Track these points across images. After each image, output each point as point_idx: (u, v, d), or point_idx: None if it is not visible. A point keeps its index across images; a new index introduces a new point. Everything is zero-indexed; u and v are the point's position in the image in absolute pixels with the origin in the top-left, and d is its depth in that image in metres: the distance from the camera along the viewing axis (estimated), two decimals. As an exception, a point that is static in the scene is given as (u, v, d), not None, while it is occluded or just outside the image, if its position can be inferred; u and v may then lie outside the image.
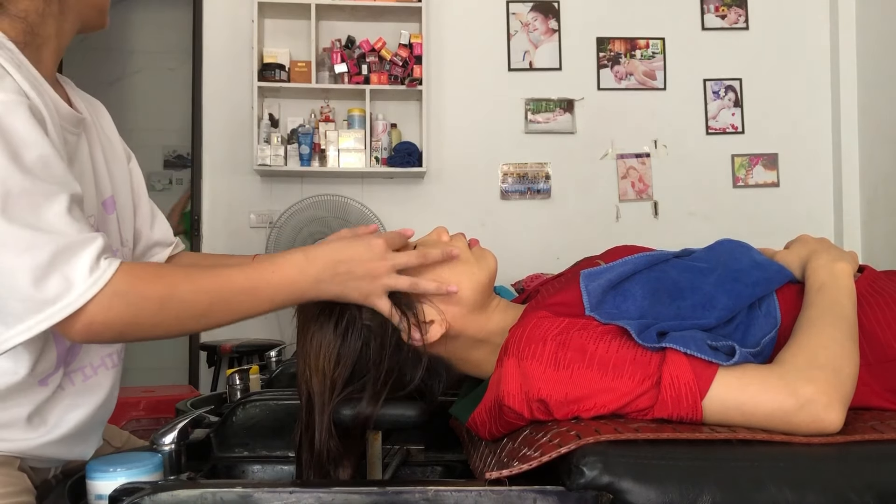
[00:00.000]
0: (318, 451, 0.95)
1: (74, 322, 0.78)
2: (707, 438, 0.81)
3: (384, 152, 3.54)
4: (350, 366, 0.96)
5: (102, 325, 0.79)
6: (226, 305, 0.85)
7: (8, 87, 0.81)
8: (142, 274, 0.82)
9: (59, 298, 0.76)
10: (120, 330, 0.81)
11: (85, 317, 0.78)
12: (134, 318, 0.80)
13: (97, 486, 0.86)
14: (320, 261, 0.89)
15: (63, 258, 0.77)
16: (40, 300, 0.76)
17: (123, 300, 0.79)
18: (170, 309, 0.82)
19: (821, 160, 3.77)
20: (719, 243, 1.12)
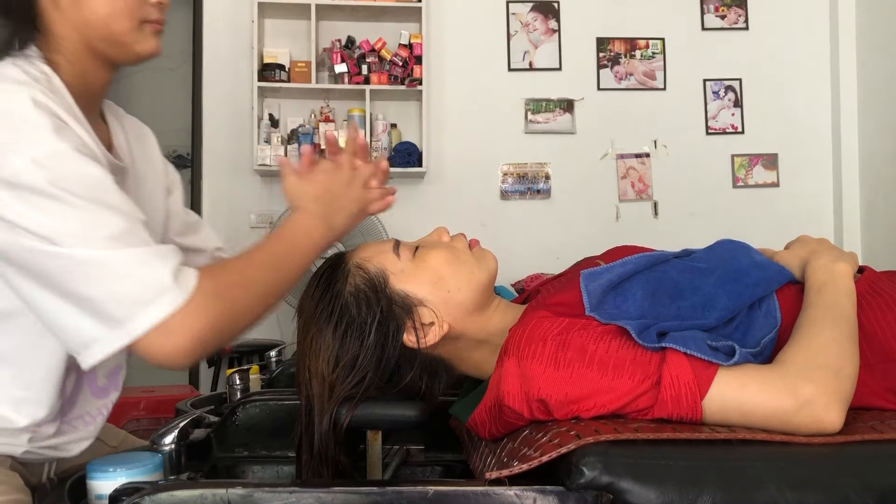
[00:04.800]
0: (318, 451, 0.95)
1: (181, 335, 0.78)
2: (707, 438, 0.81)
3: (384, 152, 3.54)
4: (349, 368, 0.96)
5: (209, 329, 0.80)
6: (286, 268, 0.93)
7: (70, 138, 0.83)
8: (215, 269, 0.86)
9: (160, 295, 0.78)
10: (222, 327, 0.82)
11: (188, 326, 0.78)
12: (231, 309, 0.83)
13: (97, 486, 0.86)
14: (309, 204, 0.98)
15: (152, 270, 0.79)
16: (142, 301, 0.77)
17: (216, 296, 0.82)
18: (252, 289, 0.87)
19: (821, 160, 3.76)
20: (719, 243, 1.12)
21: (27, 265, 0.79)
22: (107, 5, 0.92)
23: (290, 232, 0.96)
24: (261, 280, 0.89)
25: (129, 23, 0.94)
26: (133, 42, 0.95)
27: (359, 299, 0.97)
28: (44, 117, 0.81)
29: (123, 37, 0.94)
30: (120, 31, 0.93)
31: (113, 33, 0.93)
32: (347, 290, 0.98)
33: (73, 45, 0.93)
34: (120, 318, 0.77)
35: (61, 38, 0.92)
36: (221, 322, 0.82)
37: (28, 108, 0.81)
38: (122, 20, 0.93)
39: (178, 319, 0.78)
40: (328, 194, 0.99)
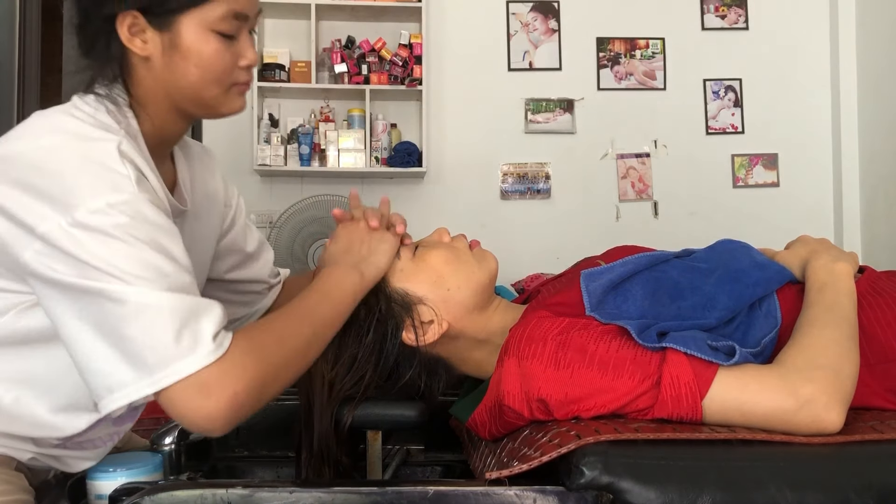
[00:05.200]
0: (318, 451, 0.96)
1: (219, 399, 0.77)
2: (707, 438, 0.81)
3: (384, 152, 3.53)
4: (348, 367, 0.96)
5: (246, 389, 0.78)
6: (322, 322, 0.91)
7: (148, 189, 0.85)
8: (248, 328, 0.85)
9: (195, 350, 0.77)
10: (260, 386, 0.80)
11: (227, 389, 0.77)
12: (267, 367, 0.81)
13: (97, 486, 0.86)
14: (340, 257, 0.99)
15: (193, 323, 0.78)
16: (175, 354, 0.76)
17: (252, 356, 0.80)
18: (287, 344, 0.85)
19: (821, 160, 3.76)
20: (719, 243, 1.12)
21: (77, 297, 0.79)
22: (199, 74, 0.91)
23: (321, 284, 0.95)
24: (295, 335, 0.87)
25: (219, 89, 0.94)
26: (220, 105, 0.96)
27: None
28: (127, 167, 0.82)
29: (211, 101, 0.95)
30: (209, 96, 0.94)
31: (202, 98, 0.94)
32: None
33: (159, 100, 0.93)
34: (151, 364, 0.76)
35: (149, 93, 0.93)
36: (259, 381, 0.80)
37: (114, 158, 0.82)
38: (212, 87, 0.93)
39: (216, 378, 0.77)
40: (353, 245, 0.99)
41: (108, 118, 0.88)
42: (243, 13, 0.92)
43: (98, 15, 0.90)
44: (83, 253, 0.77)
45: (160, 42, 0.90)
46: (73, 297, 0.79)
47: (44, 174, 0.80)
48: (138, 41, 0.90)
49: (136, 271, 0.77)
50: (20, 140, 0.84)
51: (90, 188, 0.79)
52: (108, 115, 0.88)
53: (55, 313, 0.81)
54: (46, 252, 0.78)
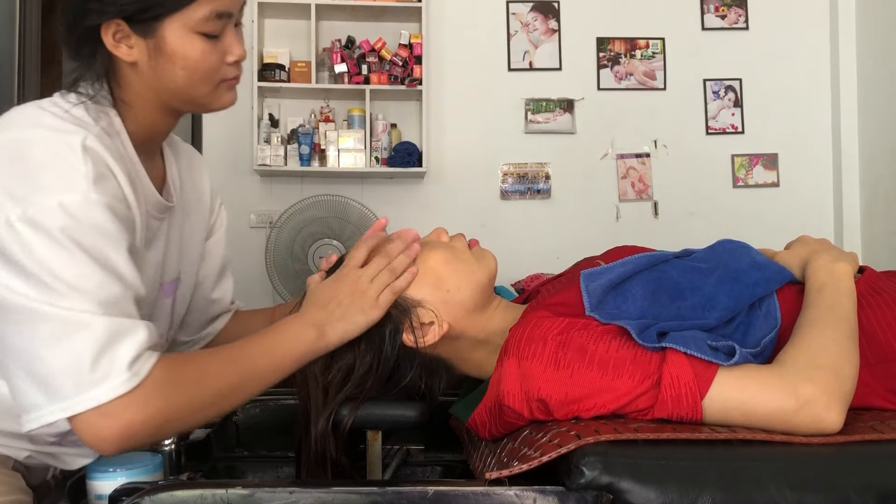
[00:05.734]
0: (318, 452, 0.95)
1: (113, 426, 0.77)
2: (707, 438, 0.81)
3: (384, 152, 3.53)
4: (345, 370, 0.96)
5: (142, 423, 0.78)
6: (252, 375, 0.88)
7: (108, 190, 0.83)
8: (177, 360, 0.84)
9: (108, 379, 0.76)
10: (159, 423, 0.80)
11: (122, 419, 0.77)
12: (175, 406, 0.80)
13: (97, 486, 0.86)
14: (309, 308, 0.94)
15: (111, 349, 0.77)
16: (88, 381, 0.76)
17: (161, 392, 0.79)
18: (205, 388, 0.84)
19: (821, 160, 3.76)
20: (719, 243, 1.12)
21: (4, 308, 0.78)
22: (186, 75, 0.91)
23: (272, 334, 0.92)
24: (217, 380, 0.85)
25: (208, 87, 0.94)
26: (210, 102, 0.96)
27: None
28: (87, 164, 0.81)
29: (201, 99, 0.95)
30: (198, 95, 0.94)
31: (191, 98, 0.94)
32: None
33: (147, 101, 0.94)
34: (64, 391, 0.76)
35: (136, 95, 0.93)
36: (160, 418, 0.79)
37: (76, 152, 0.81)
38: (201, 86, 0.93)
39: (115, 406, 0.76)
40: (333, 302, 0.94)
41: (85, 114, 0.87)
42: (226, 11, 0.92)
43: (82, 25, 0.89)
44: (22, 252, 0.77)
45: (145, 47, 0.90)
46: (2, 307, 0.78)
47: (8, 165, 0.80)
48: (124, 48, 0.90)
49: (69, 282, 0.77)
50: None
51: (46, 184, 0.79)
52: (86, 113, 0.88)
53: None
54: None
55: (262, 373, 0.89)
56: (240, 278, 3.94)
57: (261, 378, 0.89)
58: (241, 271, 3.51)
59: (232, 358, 0.88)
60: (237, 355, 0.88)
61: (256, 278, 3.33)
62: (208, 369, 0.85)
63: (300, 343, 0.91)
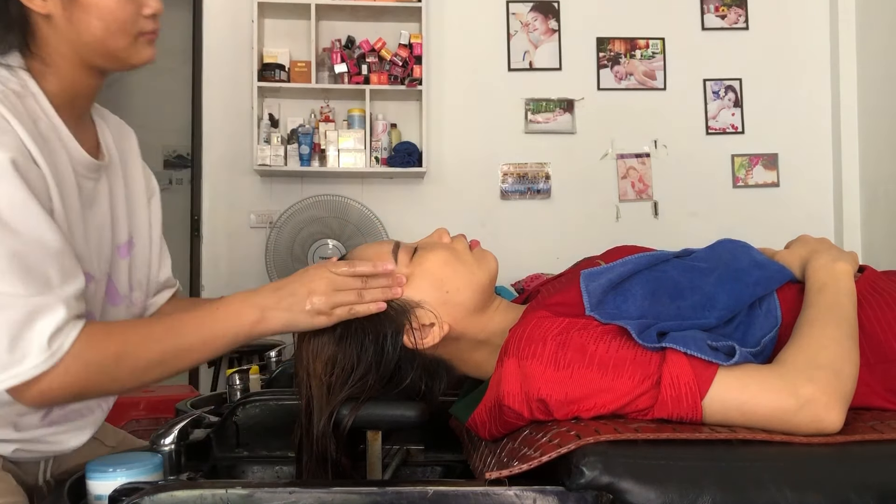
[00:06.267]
0: (318, 452, 0.95)
1: (34, 390, 0.80)
2: (707, 438, 0.81)
3: (384, 152, 3.53)
4: (348, 370, 0.96)
5: (59, 390, 0.81)
6: (177, 350, 0.88)
7: (7, 143, 0.82)
8: (101, 331, 0.85)
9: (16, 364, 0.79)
10: (77, 392, 0.83)
11: (41, 383, 0.80)
12: (92, 379, 0.83)
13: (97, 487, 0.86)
14: (264, 289, 0.93)
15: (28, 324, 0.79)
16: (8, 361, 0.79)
17: (80, 362, 0.81)
18: (125, 362, 0.85)
19: (821, 160, 3.76)
20: (719, 243, 1.12)
21: None
22: (101, 27, 0.91)
23: (210, 310, 0.91)
24: (141, 356, 0.86)
25: (126, 39, 0.94)
26: (129, 56, 0.96)
27: None
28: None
29: (119, 52, 0.94)
30: (116, 48, 0.94)
31: (109, 50, 0.94)
32: None
33: (65, 58, 0.93)
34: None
35: (54, 52, 0.92)
36: (77, 386, 0.82)
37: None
38: (118, 38, 0.93)
39: (38, 378, 0.80)
40: (287, 290, 0.92)
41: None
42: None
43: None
44: None
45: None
46: None
47: None
48: (37, 0, 0.90)
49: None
50: None
51: None
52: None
53: None
54: None
55: (189, 350, 0.89)
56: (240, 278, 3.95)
57: (187, 355, 0.89)
58: (241, 271, 3.52)
59: (157, 335, 0.88)
60: (164, 332, 0.89)
61: (256, 278, 3.33)
62: (132, 343, 0.86)
63: (238, 322, 0.90)
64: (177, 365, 0.89)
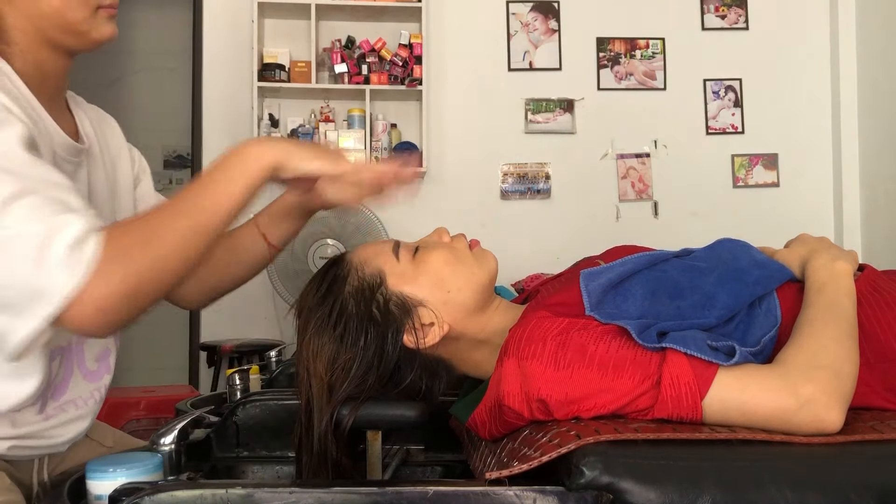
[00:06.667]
0: (318, 452, 0.95)
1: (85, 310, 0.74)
2: (707, 438, 0.81)
3: (384, 152, 3.53)
4: (348, 369, 0.96)
5: (112, 298, 0.75)
6: (199, 210, 0.84)
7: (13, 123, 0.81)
8: (119, 228, 0.81)
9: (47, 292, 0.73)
10: (129, 292, 0.77)
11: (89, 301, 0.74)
12: (132, 272, 0.77)
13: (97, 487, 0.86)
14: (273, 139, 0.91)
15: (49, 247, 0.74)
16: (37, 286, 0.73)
17: (115, 261, 0.76)
18: (157, 243, 0.80)
19: (821, 160, 3.76)
20: (719, 242, 1.12)
21: None
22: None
23: (220, 161, 0.87)
24: (166, 230, 0.81)
25: (84, 12, 0.93)
26: (89, 30, 0.95)
27: (357, 301, 0.97)
28: None
29: (79, 25, 0.93)
30: (75, 21, 0.93)
31: (68, 23, 0.93)
32: (346, 292, 0.98)
33: (27, 36, 0.92)
34: (21, 304, 0.74)
35: (14, 29, 0.92)
36: (125, 287, 0.76)
37: None
38: (76, 10, 0.92)
39: (82, 292, 0.74)
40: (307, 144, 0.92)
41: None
42: None
43: None
44: None
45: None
46: None
47: None
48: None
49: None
50: None
51: None
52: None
53: None
54: None
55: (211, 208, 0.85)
56: (240, 278, 3.83)
57: (211, 215, 0.85)
58: (241, 271, 3.51)
59: (172, 207, 0.84)
60: (177, 202, 0.85)
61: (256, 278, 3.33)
62: (153, 227, 0.81)
63: (253, 165, 0.87)
64: (209, 224, 0.84)
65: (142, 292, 0.79)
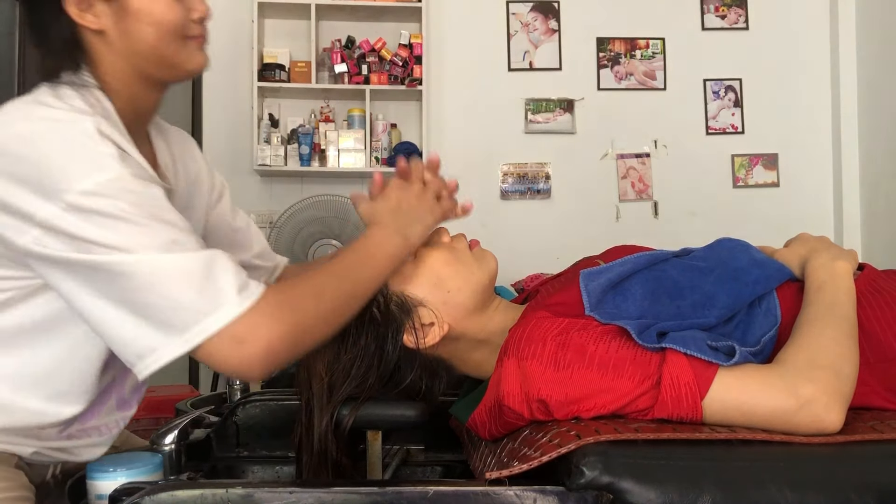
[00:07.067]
0: (318, 452, 0.95)
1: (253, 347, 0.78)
2: (707, 438, 0.81)
3: (384, 152, 3.53)
4: (348, 369, 0.96)
5: (280, 338, 0.79)
6: (360, 278, 0.91)
7: (130, 164, 0.85)
8: (282, 283, 0.88)
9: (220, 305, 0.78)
10: (294, 338, 0.81)
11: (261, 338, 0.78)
12: (302, 320, 0.82)
13: (97, 486, 0.86)
14: (386, 218, 0.98)
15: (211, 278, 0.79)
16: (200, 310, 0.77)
17: (286, 307, 0.81)
18: (324, 299, 0.86)
19: (821, 160, 3.76)
20: (719, 242, 1.12)
21: (87, 275, 0.79)
22: (153, 32, 0.92)
23: (363, 244, 0.95)
24: (331, 291, 0.88)
25: (176, 44, 0.95)
26: (183, 61, 0.97)
27: None
28: (108, 145, 0.83)
29: (173, 58, 0.95)
30: (169, 54, 0.95)
31: (163, 57, 0.95)
32: None
33: (123, 73, 0.94)
34: (178, 325, 0.77)
35: (111, 69, 0.94)
36: (293, 333, 0.81)
37: (94, 137, 0.82)
38: (169, 43, 0.94)
39: (246, 328, 0.78)
40: (402, 207, 0.99)
41: (81, 102, 0.88)
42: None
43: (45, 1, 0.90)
44: (83, 233, 0.78)
45: (110, 11, 0.91)
46: (83, 274, 0.79)
47: (27, 162, 0.80)
48: (89, 16, 0.91)
49: (138, 241, 0.78)
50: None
51: (76, 171, 0.80)
52: (81, 100, 0.88)
53: (67, 291, 0.82)
54: (46, 237, 0.79)
55: (365, 277, 0.92)
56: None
57: (367, 282, 0.92)
58: (241, 271, 3.51)
59: (337, 272, 0.91)
60: (341, 270, 0.91)
61: (256, 278, 3.33)
62: (321, 286, 0.88)
63: (391, 247, 0.95)
64: (364, 294, 0.92)
65: (304, 342, 0.84)
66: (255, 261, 1.25)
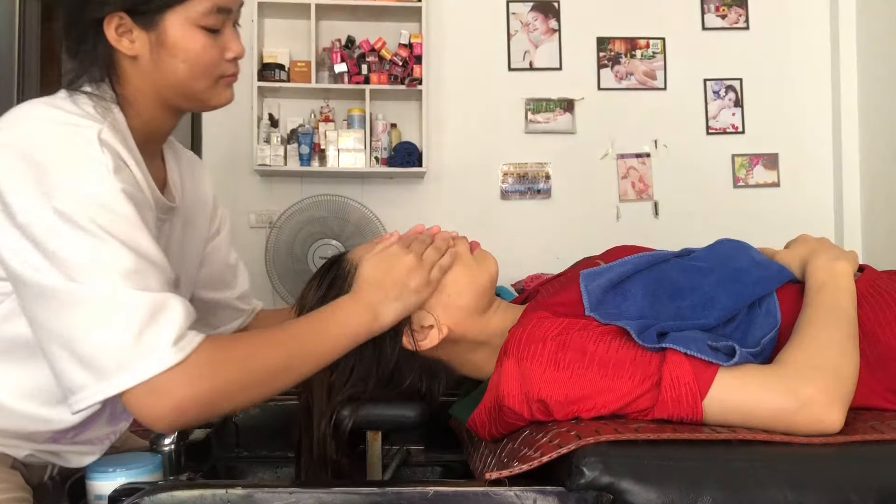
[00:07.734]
0: (318, 453, 0.95)
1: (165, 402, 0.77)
2: (707, 438, 0.81)
3: (384, 152, 3.53)
4: (348, 371, 0.96)
5: (192, 400, 0.78)
6: (302, 355, 0.88)
7: (126, 179, 0.85)
8: (222, 340, 0.84)
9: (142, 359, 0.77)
10: (208, 401, 0.80)
11: (174, 396, 0.77)
12: (223, 385, 0.81)
13: (97, 487, 0.86)
14: (365, 290, 0.94)
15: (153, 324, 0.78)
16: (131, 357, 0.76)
17: (212, 368, 0.79)
18: (252, 369, 0.83)
19: (821, 160, 3.76)
20: (719, 243, 1.12)
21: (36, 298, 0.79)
22: (186, 70, 0.92)
23: (325, 315, 0.92)
24: (263, 360, 0.85)
25: (208, 82, 0.95)
26: (209, 98, 0.97)
27: None
28: (105, 155, 0.83)
29: (200, 95, 0.96)
30: (197, 91, 0.95)
31: (191, 92, 0.95)
32: (346, 291, 0.98)
33: (147, 97, 0.94)
34: (106, 370, 0.77)
35: (137, 90, 0.94)
36: (209, 396, 0.79)
37: (94, 145, 0.82)
38: (200, 81, 0.94)
39: (166, 382, 0.77)
40: (387, 280, 0.95)
41: (93, 110, 0.88)
42: (226, 7, 0.94)
43: (84, 18, 0.91)
44: (52, 243, 0.78)
45: (147, 41, 0.91)
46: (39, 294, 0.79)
47: (27, 162, 0.81)
48: (125, 41, 0.91)
49: (101, 267, 0.78)
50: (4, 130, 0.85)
51: (68, 176, 0.80)
52: (94, 108, 0.89)
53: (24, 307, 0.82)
54: (19, 241, 0.79)
55: (313, 354, 0.88)
56: (240, 278, 3.81)
57: (311, 359, 0.88)
58: (241, 271, 3.51)
59: (279, 340, 0.88)
60: (285, 337, 0.88)
61: (256, 278, 3.33)
62: (256, 349, 0.85)
63: (355, 324, 0.91)
64: (301, 370, 0.88)
65: (221, 406, 0.82)
66: (236, 302, 1.23)
